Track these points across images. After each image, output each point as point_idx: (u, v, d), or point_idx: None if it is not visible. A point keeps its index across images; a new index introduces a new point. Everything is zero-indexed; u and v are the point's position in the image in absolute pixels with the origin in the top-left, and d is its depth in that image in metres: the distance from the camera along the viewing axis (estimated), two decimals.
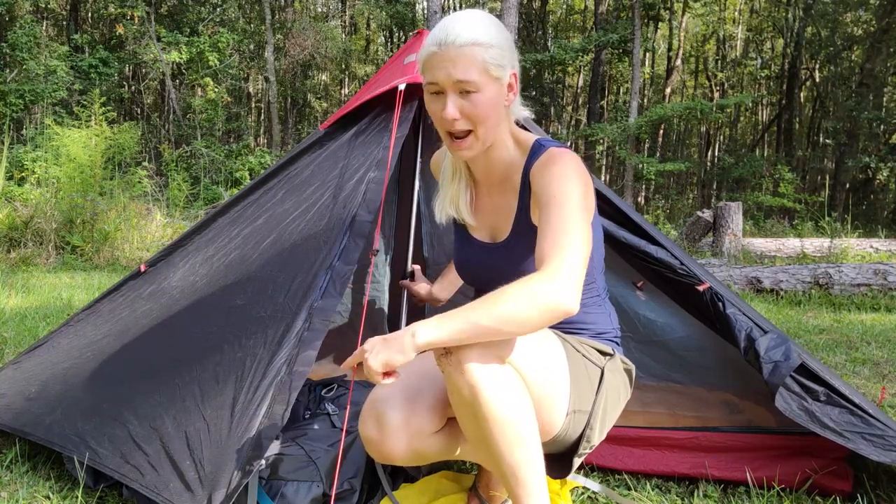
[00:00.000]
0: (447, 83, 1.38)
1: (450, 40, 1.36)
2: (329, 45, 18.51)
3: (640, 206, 19.15)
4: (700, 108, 15.78)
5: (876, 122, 16.95)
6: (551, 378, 1.40)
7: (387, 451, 1.43)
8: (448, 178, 1.63)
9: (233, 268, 2.06)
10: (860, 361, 3.60)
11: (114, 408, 1.82)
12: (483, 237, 1.61)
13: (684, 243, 8.77)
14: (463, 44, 1.36)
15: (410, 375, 1.47)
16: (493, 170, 1.55)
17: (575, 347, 1.50)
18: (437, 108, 1.42)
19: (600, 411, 1.49)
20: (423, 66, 1.43)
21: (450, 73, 1.37)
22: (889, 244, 8.58)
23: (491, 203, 1.59)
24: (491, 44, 1.38)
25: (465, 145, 1.44)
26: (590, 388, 1.49)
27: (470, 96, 1.38)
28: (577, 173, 1.41)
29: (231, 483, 1.48)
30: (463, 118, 1.40)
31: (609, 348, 1.58)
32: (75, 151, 8.75)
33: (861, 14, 19.41)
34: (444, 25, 1.40)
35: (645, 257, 1.97)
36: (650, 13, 18.84)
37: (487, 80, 1.39)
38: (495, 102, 1.42)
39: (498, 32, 1.41)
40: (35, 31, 14.11)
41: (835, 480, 1.85)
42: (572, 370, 1.45)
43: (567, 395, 1.43)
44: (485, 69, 1.38)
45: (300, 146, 2.30)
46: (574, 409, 1.45)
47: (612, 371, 1.55)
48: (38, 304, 4.82)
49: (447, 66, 1.36)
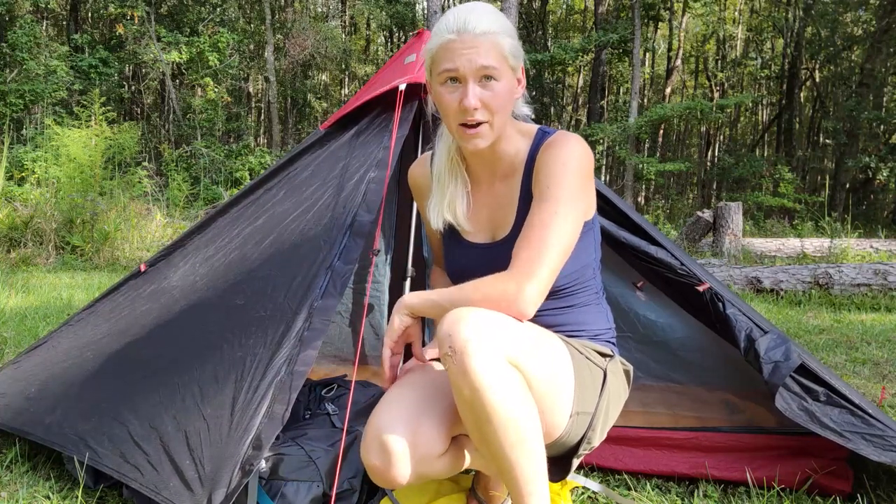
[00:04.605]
0: (469, 70, 1.36)
1: (469, 27, 1.35)
2: (329, 45, 18.52)
3: (640, 206, 19.15)
4: (700, 108, 15.78)
5: (876, 122, 16.94)
6: (555, 380, 1.39)
7: (392, 478, 1.38)
8: (445, 181, 1.58)
9: (233, 267, 2.06)
10: (860, 361, 3.60)
11: (113, 407, 1.82)
12: (481, 239, 1.57)
13: (684, 243, 8.77)
14: (483, 32, 1.35)
15: (413, 397, 1.45)
16: (497, 162, 1.53)
17: (576, 348, 1.50)
18: (454, 98, 1.39)
19: (602, 413, 1.48)
20: (436, 55, 1.40)
21: (472, 59, 1.35)
22: (889, 244, 8.57)
23: (492, 199, 1.56)
24: (507, 33, 1.39)
25: (480, 132, 1.41)
26: (593, 390, 1.48)
27: (490, 84, 1.37)
28: (579, 162, 1.41)
29: (231, 482, 1.48)
30: (482, 108, 1.38)
31: (608, 349, 1.58)
32: (75, 151, 8.75)
33: (861, 14, 19.41)
34: (457, 15, 1.38)
35: (645, 257, 1.97)
36: (650, 13, 18.85)
37: (506, 68, 1.39)
38: (511, 93, 1.42)
39: (510, 24, 1.42)
40: (35, 31, 14.12)
41: (835, 480, 1.85)
42: (576, 372, 1.44)
43: (571, 397, 1.42)
44: (504, 58, 1.38)
45: (300, 146, 2.30)
46: (577, 411, 1.44)
47: (613, 372, 1.55)
48: (38, 304, 4.82)
49: (469, 52, 1.35)
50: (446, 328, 1.29)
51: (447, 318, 1.32)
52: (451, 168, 1.58)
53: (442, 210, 1.58)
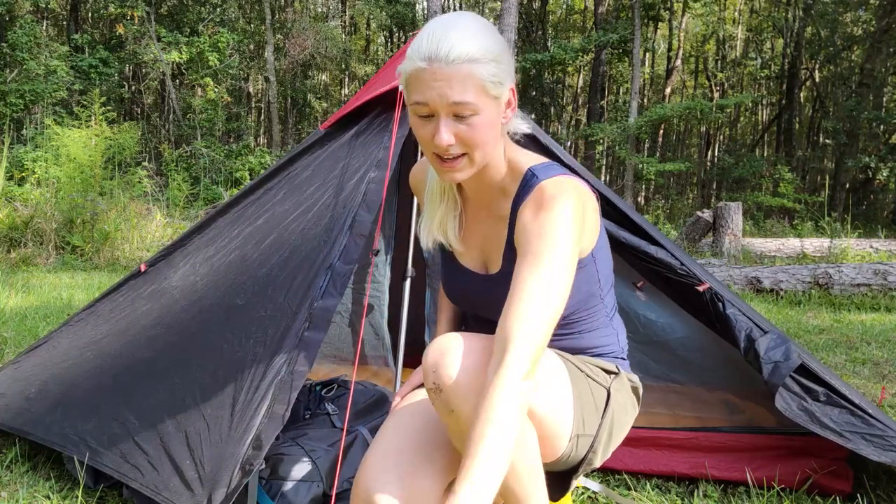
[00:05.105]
0: (440, 105, 1.19)
1: (441, 55, 1.16)
2: (329, 45, 18.51)
3: (640, 206, 19.15)
4: (700, 108, 15.79)
5: (876, 122, 16.94)
6: (552, 403, 1.30)
7: None
8: (436, 200, 1.45)
9: (233, 267, 2.06)
10: (860, 361, 3.60)
11: (114, 407, 1.82)
12: (474, 266, 1.45)
13: (684, 243, 8.77)
14: (457, 60, 1.16)
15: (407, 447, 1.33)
16: (484, 192, 1.40)
17: (578, 367, 1.40)
18: (427, 132, 1.23)
19: (605, 435, 1.40)
20: (407, 82, 1.23)
21: (443, 95, 1.17)
22: (889, 244, 8.57)
23: (480, 230, 1.44)
24: (488, 58, 1.19)
25: (456, 166, 1.25)
26: (595, 412, 1.39)
27: (466, 119, 1.20)
28: (565, 221, 1.24)
29: (231, 482, 1.49)
30: (458, 143, 1.22)
31: (614, 366, 1.48)
32: (75, 151, 8.75)
33: (861, 14, 19.41)
34: (431, 35, 1.19)
35: (645, 257, 1.97)
36: (650, 13, 18.84)
37: (486, 100, 1.21)
38: (493, 123, 1.24)
39: (494, 42, 1.21)
40: (35, 31, 14.12)
41: (835, 480, 1.86)
42: (576, 393, 1.35)
43: (570, 420, 1.33)
44: (483, 89, 1.19)
45: (300, 146, 2.30)
46: (578, 434, 1.35)
47: (619, 390, 1.46)
48: (38, 304, 4.82)
49: (440, 85, 1.17)
50: (431, 360, 1.22)
51: (432, 347, 1.24)
52: (442, 188, 1.45)
53: (433, 230, 1.46)
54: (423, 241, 1.47)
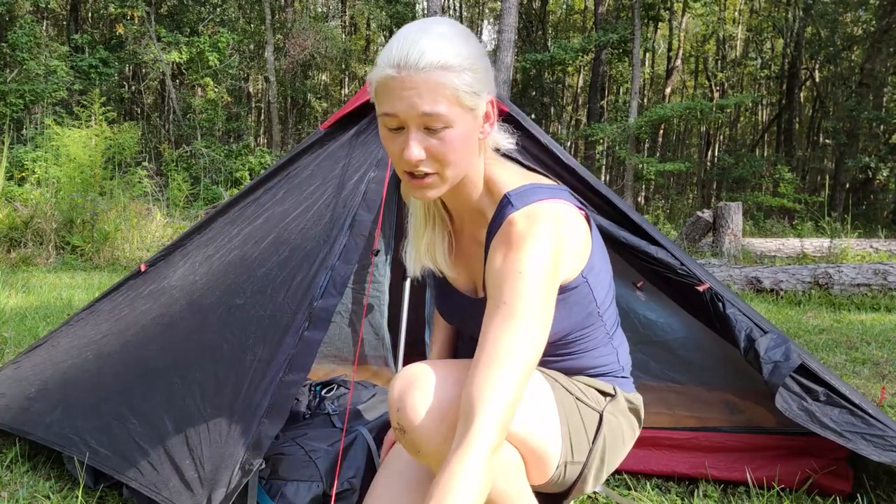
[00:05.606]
0: (409, 116, 1.09)
1: (410, 62, 1.07)
2: (329, 45, 18.52)
3: (640, 206, 19.15)
4: (700, 108, 15.81)
5: (876, 122, 16.95)
6: (535, 432, 1.22)
7: None
8: (420, 222, 1.35)
9: (233, 267, 2.06)
10: (860, 361, 3.60)
11: (114, 407, 1.82)
12: (464, 288, 1.37)
13: (684, 243, 8.77)
14: (427, 66, 1.07)
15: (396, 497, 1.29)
16: (463, 211, 1.31)
17: (567, 390, 1.32)
18: (396, 147, 1.14)
19: (595, 461, 1.32)
20: (376, 91, 1.13)
21: (413, 105, 1.08)
22: (889, 244, 8.58)
23: (468, 246, 1.34)
24: (463, 66, 1.10)
25: (426, 183, 1.16)
26: (584, 438, 1.31)
27: (438, 133, 1.11)
28: (536, 260, 1.14)
29: (231, 482, 1.48)
30: (429, 158, 1.13)
31: (611, 387, 1.40)
32: (75, 151, 8.75)
33: (861, 14, 19.43)
34: (402, 41, 1.09)
35: (645, 257, 1.97)
36: (650, 13, 18.86)
37: (459, 111, 1.11)
38: (468, 138, 1.14)
39: (470, 49, 1.12)
40: (35, 31, 14.12)
41: (835, 480, 1.86)
42: (563, 416, 1.27)
43: (557, 441, 1.26)
44: (456, 99, 1.10)
45: (300, 146, 2.30)
46: (566, 461, 1.28)
47: (613, 413, 1.37)
48: (38, 304, 4.82)
49: (409, 95, 1.08)
50: (396, 396, 1.16)
51: (398, 381, 1.18)
52: (426, 208, 1.35)
53: (420, 256, 1.36)
54: (409, 268, 1.36)
